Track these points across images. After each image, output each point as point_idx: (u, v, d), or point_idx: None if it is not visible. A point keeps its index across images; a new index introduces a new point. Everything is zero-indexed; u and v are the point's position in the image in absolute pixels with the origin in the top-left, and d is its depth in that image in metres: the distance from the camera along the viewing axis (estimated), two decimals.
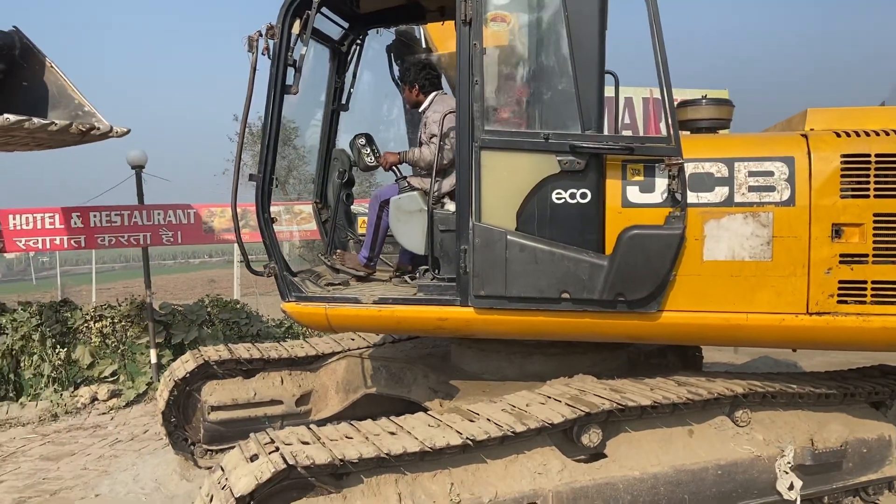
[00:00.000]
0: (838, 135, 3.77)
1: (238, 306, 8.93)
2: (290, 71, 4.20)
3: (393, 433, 3.40)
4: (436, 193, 4.34)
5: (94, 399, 7.45)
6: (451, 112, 4.24)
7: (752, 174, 3.76)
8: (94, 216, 7.79)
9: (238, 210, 4.46)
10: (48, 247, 7.86)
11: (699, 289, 3.81)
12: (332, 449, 3.16)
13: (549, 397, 3.79)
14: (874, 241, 3.65)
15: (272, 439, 3.30)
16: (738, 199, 3.77)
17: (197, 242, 8.47)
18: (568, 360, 4.42)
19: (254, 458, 3.18)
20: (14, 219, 7.48)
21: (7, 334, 7.70)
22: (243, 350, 5.46)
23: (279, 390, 5.37)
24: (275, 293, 4.58)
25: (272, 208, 4.34)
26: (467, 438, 3.31)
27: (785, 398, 4.13)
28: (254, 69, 4.02)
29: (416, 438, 3.30)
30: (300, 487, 3.17)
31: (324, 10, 4.46)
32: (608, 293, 3.78)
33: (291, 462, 3.04)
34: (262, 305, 11.04)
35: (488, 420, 3.50)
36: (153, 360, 7.85)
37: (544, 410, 3.59)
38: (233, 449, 3.41)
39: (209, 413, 5.20)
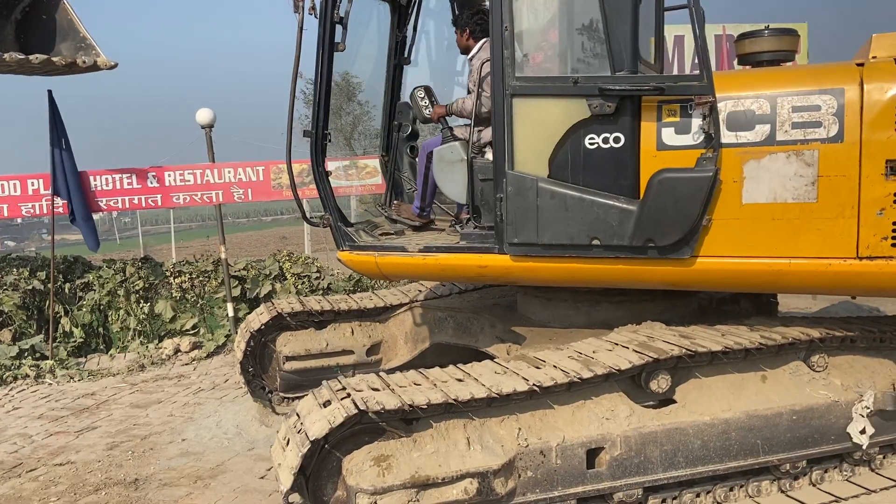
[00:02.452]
0: None
1: (309, 261, 9.13)
2: (339, 29, 4.30)
3: (460, 380, 3.46)
4: (476, 142, 4.33)
5: (177, 351, 7.81)
6: (489, 59, 4.18)
7: (796, 109, 3.53)
8: (169, 175, 8.06)
9: (302, 167, 4.60)
10: (127, 206, 8.19)
11: (738, 233, 3.65)
12: (401, 395, 3.24)
13: (617, 344, 3.77)
14: None
15: (343, 386, 3.41)
16: (780, 137, 3.56)
17: (267, 199, 8.67)
18: (636, 308, 4.37)
19: (327, 403, 3.29)
20: (95, 180, 7.80)
21: (95, 290, 8.12)
22: (314, 302, 5.61)
23: (350, 341, 5.52)
24: None
25: (333, 163, 4.53)
26: (534, 385, 3.34)
27: (865, 342, 3.98)
28: (301, 29, 4.15)
29: (483, 385, 3.34)
30: (372, 432, 3.27)
31: None
32: (638, 239, 3.71)
33: (363, 407, 3.13)
34: (331, 260, 11.27)
35: (555, 367, 3.51)
36: (230, 313, 8.16)
37: (611, 357, 3.58)
38: (307, 396, 3.55)
39: (284, 363, 5.39)
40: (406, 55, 5.32)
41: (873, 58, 3.61)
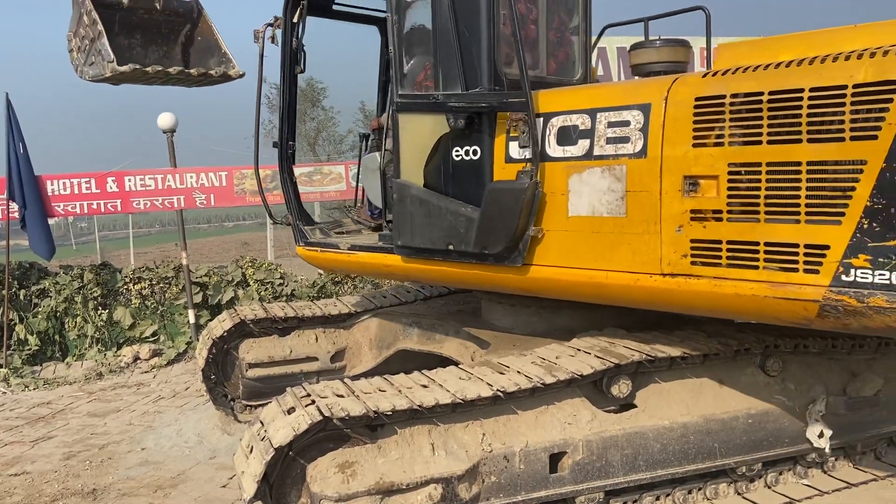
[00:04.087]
0: (706, 74, 3.36)
1: (272, 267, 9.07)
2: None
3: (425, 386, 3.48)
4: (388, 151, 4.60)
5: (136, 358, 7.69)
6: None
7: (610, 125, 3.54)
8: (129, 180, 7.94)
9: (266, 172, 4.90)
10: (86, 211, 8.05)
11: (566, 244, 3.71)
12: (366, 401, 3.25)
13: (579, 349, 3.83)
14: (729, 196, 3.17)
15: (308, 393, 3.40)
16: (596, 151, 3.58)
17: (230, 204, 8.60)
18: (597, 314, 4.43)
19: (291, 410, 3.28)
20: (52, 184, 7.65)
21: (51, 297, 7.95)
22: (278, 309, 5.58)
23: (314, 347, 5.49)
24: None
25: (299, 169, 5.44)
26: (498, 390, 3.37)
27: (817, 348, 4.10)
28: (261, 56, 4.79)
29: (448, 391, 3.37)
30: (336, 439, 3.27)
31: None
32: (476, 246, 3.89)
33: (327, 414, 3.13)
34: (295, 267, 11.19)
35: (518, 372, 3.56)
36: (191, 320, 8.06)
37: (574, 362, 3.64)
38: (271, 403, 3.53)
39: (247, 370, 5.34)
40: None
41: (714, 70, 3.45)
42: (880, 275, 2.82)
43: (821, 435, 3.88)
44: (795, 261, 3.02)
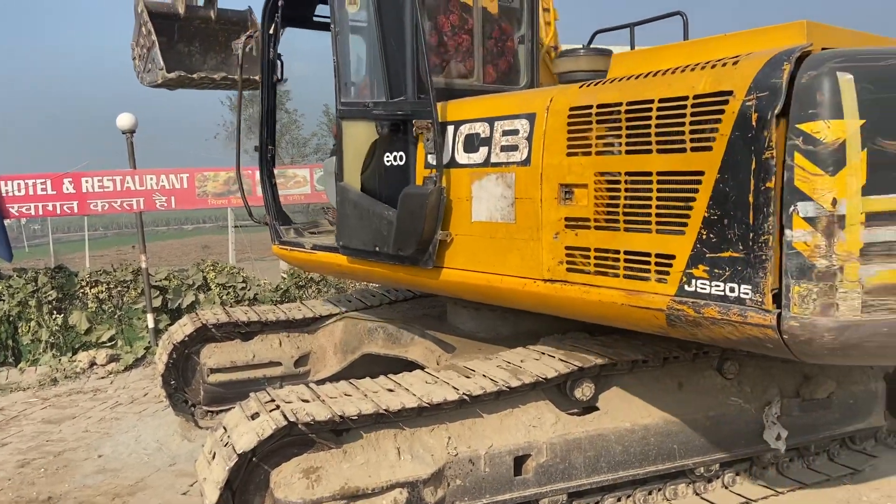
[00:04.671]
0: (582, 85, 3.45)
1: (234, 271, 8.96)
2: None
3: (391, 390, 3.48)
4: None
5: (92, 364, 7.52)
6: None
7: (504, 133, 3.65)
8: (87, 182, 7.77)
9: (230, 174, 5.33)
10: (41, 213, 7.86)
11: (470, 248, 3.84)
12: (331, 406, 3.24)
13: (543, 353, 3.87)
14: (595, 205, 3.25)
15: (272, 398, 3.38)
16: (493, 159, 3.68)
17: (191, 207, 8.48)
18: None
19: (255, 416, 3.25)
20: (6, 185, 7.46)
21: (3, 301, 7.74)
22: (241, 313, 5.52)
23: (277, 352, 5.45)
24: (269, 259, 5.52)
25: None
26: (464, 394, 3.39)
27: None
28: (241, 67, 5.09)
29: (414, 395, 3.38)
30: (301, 444, 3.25)
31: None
32: (393, 248, 4.02)
33: (292, 419, 3.12)
34: (257, 270, 11.08)
35: (484, 376, 3.58)
36: (150, 324, 7.91)
37: (538, 366, 3.68)
38: (232, 408, 3.49)
39: (208, 375, 5.27)
40: None
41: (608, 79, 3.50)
42: (716, 286, 2.86)
43: (778, 437, 3.99)
44: (648, 270, 3.08)
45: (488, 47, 4.62)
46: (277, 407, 3.26)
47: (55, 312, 7.82)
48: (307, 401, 3.33)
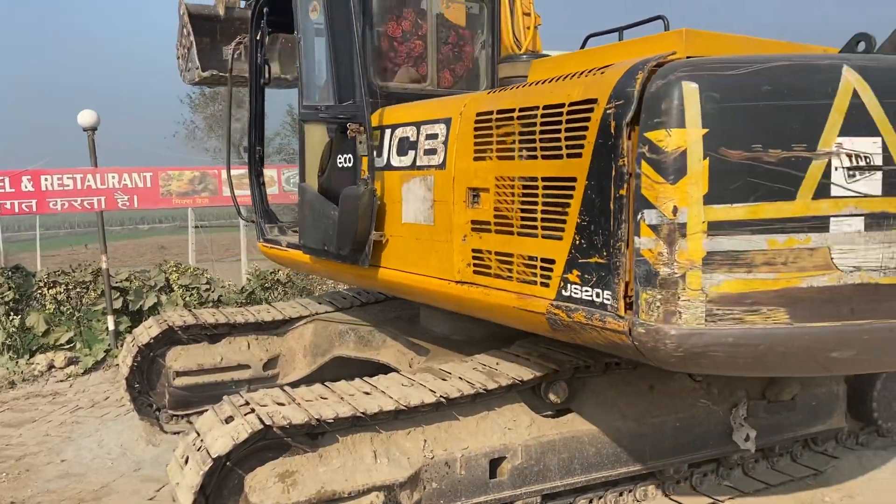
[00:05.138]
0: (490, 91, 3.56)
1: (198, 272, 8.81)
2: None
3: (367, 393, 3.47)
4: None
5: (50, 366, 7.32)
6: None
7: (427, 137, 3.74)
8: (46, 179, 7.57)
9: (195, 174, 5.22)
10: None
11: (400, 248, 3.95)
12: (307, 409, 3.22)
13: (519, 356, 3.89)
14: (495, 209, 3.31)
15: (247, 401, 3.33)
16: (418, 162, 3.77)
17: (154, 206, 8.32)
18: None
19: (229, 419, 3.21)
20: None
21: None
22: (208, 315, 5.43)
23: (246, 355, 5.37)
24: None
25: (234, 172, 5.87)
26: (441, 396, 3.40)
27: None
28: (230, 71, 5.27)
29: (391, 397, 3.37)
30: (276, 448, 3.22)
31: None
32: (335, 247, 4.14)
33: (268, 422, 3.08)
34: (218, 271, 10.90)
35: (460, 378, 3.59)
36: (111, 326, 7.72)
37: (514, 368, 3.70)
38: (205, 412, 3.44)
39: (174, 378, 5.17)
40: None
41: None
42: (585, 291, 2.91)
43: (747, 438, 4.07)
44: (535, 274, 3.14)
45: (444, 52, 4.65)
46: (252, 410, 3.22)
47: (12, 314, 7.59)
48: (282, 404, 3.30)
